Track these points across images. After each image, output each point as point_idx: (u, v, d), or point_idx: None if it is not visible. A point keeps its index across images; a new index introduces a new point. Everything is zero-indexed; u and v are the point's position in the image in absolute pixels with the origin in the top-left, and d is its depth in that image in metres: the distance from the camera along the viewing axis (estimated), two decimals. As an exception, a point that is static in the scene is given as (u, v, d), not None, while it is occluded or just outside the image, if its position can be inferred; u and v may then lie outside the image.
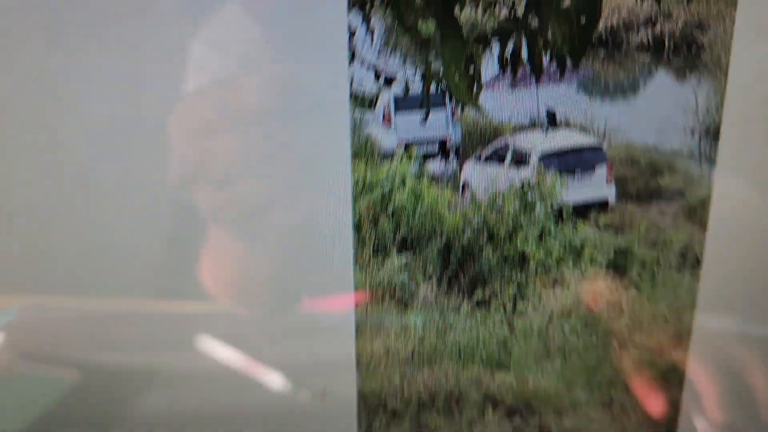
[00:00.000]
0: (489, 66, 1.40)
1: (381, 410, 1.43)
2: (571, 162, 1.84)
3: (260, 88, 0.94)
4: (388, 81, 1.50)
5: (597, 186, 1.84)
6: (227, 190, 0.92)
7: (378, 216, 1.73)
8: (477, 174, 1.89)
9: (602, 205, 1.83)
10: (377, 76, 1.51)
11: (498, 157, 1.89)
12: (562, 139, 1.83)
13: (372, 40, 1.42)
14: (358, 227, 1.68)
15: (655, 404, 1.36)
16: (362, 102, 1.73)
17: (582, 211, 1.81)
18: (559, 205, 1.78)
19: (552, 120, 1.82)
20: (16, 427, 0.93)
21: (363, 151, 1.78)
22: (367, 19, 1.37)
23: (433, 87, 1.44)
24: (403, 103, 1.75)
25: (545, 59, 1.34)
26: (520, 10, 1.35)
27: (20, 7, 0.77)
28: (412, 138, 1.82)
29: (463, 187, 1.90)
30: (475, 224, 1.78)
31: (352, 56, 1.41)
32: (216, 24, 0.89)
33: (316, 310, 1.05)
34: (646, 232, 1.74)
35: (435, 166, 1.88)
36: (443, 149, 1.89)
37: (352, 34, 1.36)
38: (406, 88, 1.52)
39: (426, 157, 1.85)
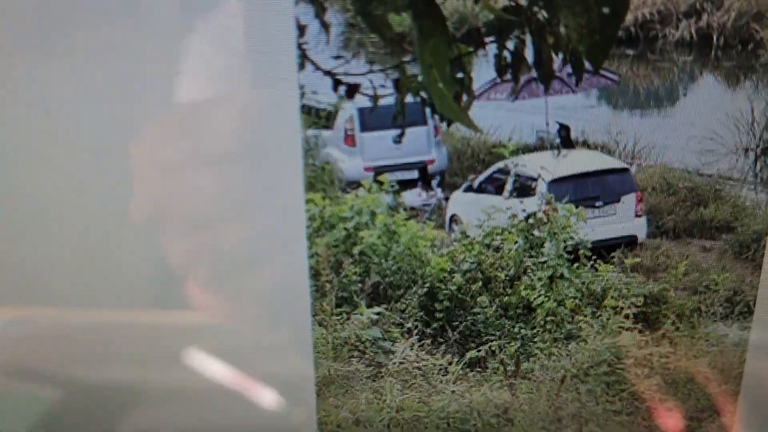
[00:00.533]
0: (483, 70, 1.31)
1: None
2: (591, 190, 1.79)
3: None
4: (351, 90, 1.37)
5: (623, 219, 1.81)
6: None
7: (341, 259, 1.67)
8: (468, 206, 1.85)
9: (630, 243, 1.82)
10: (336, 85, 1.37)
11: (495, 184, 1.86)
12: (579, 161, 1.78)
13: (327, 38, 1.30)
14: (315, 274, 1.60)
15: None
16: (317, 117, 1.71)
17: (604, 249, 1.78)
18: (574, 243, 1.73)
19: (565, 138, 1.78)
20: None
21: (320, 179, 1.72)
22: (320, 12, 1.25)
23: (409, 97, 1.30)
24: (370, 118, 1.75)
25: (556, 61, 1.23)
26: (523, -1, 1.24)
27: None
28: (383, 162, 1.81)
29: (451, 221, 1.87)
30: (466, 267, 1.71)
31: (302, 60, 1.31)
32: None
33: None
34: (685, 275, 1.71)
35: (414, 196, 1.87)
36: (424, 176, 1.88)
37: (301, 32, 1.24)
38: (374, 100, 1.38)
39: (402, 185, 1.83)
